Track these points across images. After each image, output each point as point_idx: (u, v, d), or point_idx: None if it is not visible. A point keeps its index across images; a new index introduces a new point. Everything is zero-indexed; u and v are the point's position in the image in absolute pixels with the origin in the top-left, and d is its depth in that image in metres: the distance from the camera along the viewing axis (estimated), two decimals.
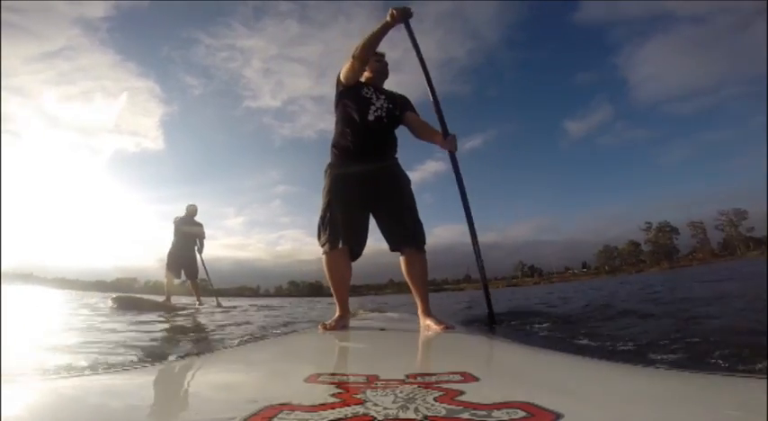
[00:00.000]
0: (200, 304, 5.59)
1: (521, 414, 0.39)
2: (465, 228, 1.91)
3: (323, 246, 1.68)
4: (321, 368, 0.81)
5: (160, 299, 5.31)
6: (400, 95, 1.94)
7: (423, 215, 1.77)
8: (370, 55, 1.78)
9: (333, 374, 0.64)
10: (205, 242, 6.07)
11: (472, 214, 1.92)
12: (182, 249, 5.77)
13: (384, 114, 1.78)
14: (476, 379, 0.57)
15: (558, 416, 0.39)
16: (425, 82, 1.98)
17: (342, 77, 1.80)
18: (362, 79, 1.87)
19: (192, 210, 6.00)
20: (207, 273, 6.01)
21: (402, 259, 1.71)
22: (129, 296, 5.62)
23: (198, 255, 5.94)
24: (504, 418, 0.38)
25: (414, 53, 1.98)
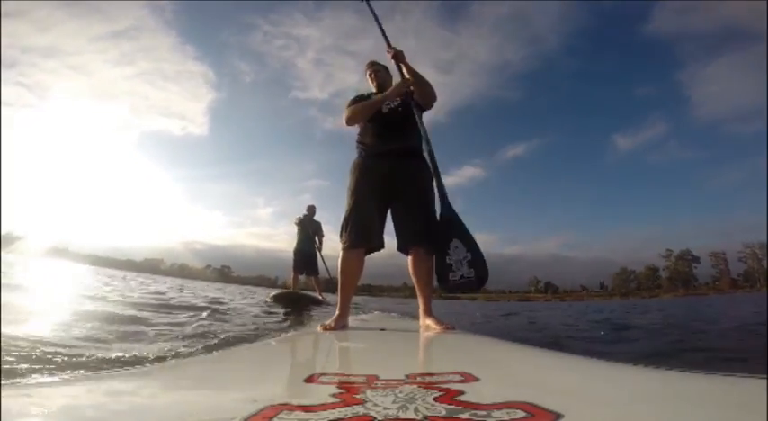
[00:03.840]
0: (322, 299, 5.76)
1: (521, 414, 0.39)
2: (490, 238, 1.93)
3: (343, 244, 1.70)
4: (321, 368, 0.81)
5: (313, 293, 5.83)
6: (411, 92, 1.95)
7: None
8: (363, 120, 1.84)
9: (333, 374, 0.64)
10: (234, 231, 6.38)
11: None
12: (306, 247, 6.07)
13: (397, 104, 1.82)
14: (476, 379, 0.57)
15: (558, 416, 0.39)
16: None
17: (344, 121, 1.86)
18: (374, 90, 1.97)
19: (312, 210, 6.35)
20: (327, 269, 6.18)
21: (410, 258, 1.70)
22: (286, 292, 5.92)
23: (318, 252, 6.19)
24: (504, 418, 0.38)
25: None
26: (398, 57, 1.86)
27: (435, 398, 0.46)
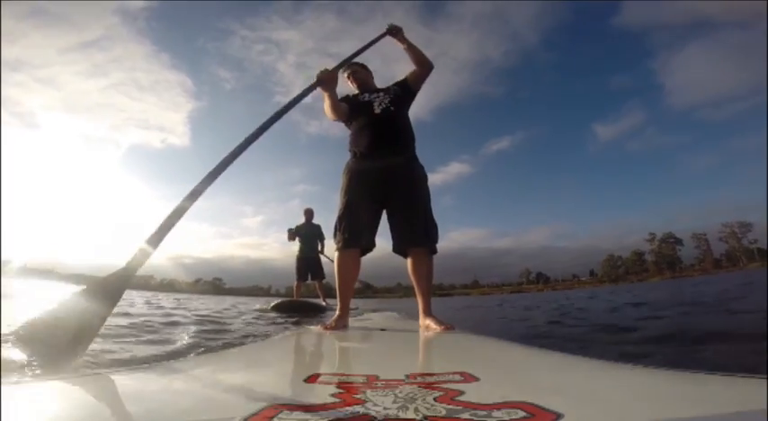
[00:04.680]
0: (326, 304, 5.66)
1: (521, 414, 0.39)
2: (481, 232, 1.94)
3: (337, 244, 1.70)
4: (321, 368, 0.81)
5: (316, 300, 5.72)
6: (396, 82, 1.95)
7: (440, 218, 1.77)
8: (338, 116, 1.85)
9: (333, 374, 0.64)
10: (222, 241, 6.28)
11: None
12: (309, 253, 6.00)
13: (388, 104, 1.81)
14: (476, 379, 0.57)
15: (558, 416, 0.39)
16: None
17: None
18: (356, 91, 1.97)
19: (310, 214, 6.27)
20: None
21: (409, 259, 1.70)
22: (287, 300, 5.79)
23: (321, 257, 6.12)
24: (504, 418, 0.38)
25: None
26: (396, 32, 1.91)
27: (435, 398, 0.46)
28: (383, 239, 1.79)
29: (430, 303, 1.65)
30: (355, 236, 1.67)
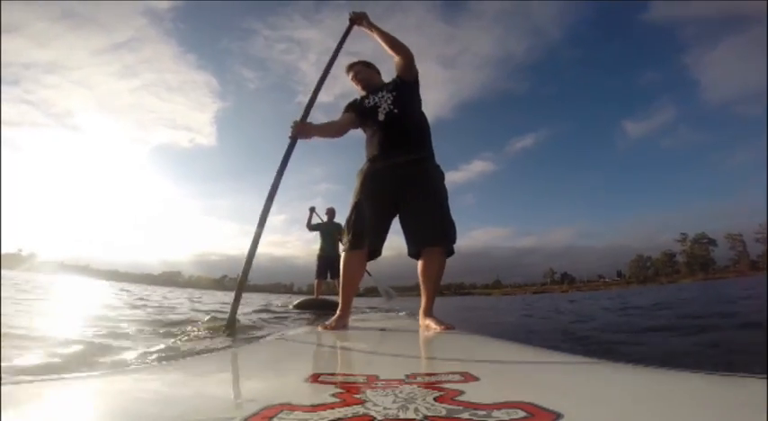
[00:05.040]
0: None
1: (521, 414, 0.39)
2: (504, 231, 1.93)
3: (344, 245, 1.71)
4: (321, 368, 0.81)
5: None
6: (398, 79, 1.91)
7: (462, 217, 1.82)
8: (343, 132, 1.89)
9: (333, 374, 0.64)
10: (247, 239, 6.31)
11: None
12: (330, 252, 6.05)
13: (391, 107, 1.78)
14: (476, 379, 0.57)
15: (558, 416, 0.39)
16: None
17: None
18: (362, 93, 1.94)
19: (332, 213, 6.33)
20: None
21: (422, 258, 1.68)
22: (309, 299, 5.93)
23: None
24: (504, 418, 0.38)
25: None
26: (360, 18, 1.87)
27: (435, 398, 0.46)
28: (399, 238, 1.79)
29: (432, 304, 1.64)
30: (360, 237, 1.67)
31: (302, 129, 1.83)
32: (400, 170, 1.69)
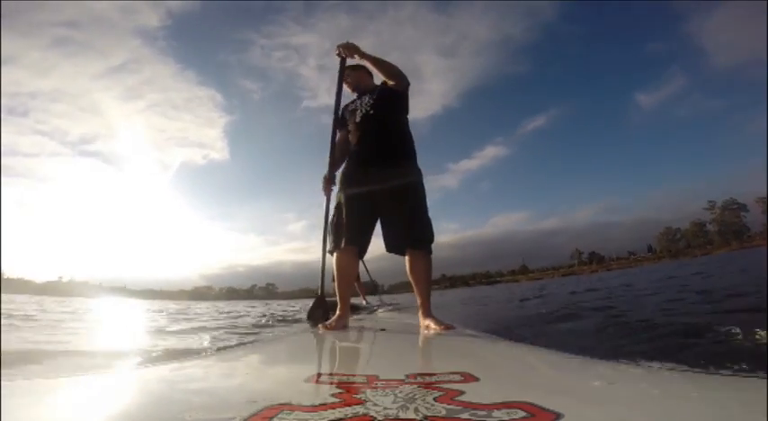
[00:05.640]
0: (366, 303, 5.57)
1: (521, 414, 0.39)
2: (525, 215, 1.89)
3: (330, 246, 1.73)
4: (321, 368, 0.81)
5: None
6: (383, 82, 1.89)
7: (479, 204, 1.79)
8: (345, 157, 1.89)
9: (333, 374, 0.64)
10: (270, 249, 6.26)
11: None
12: None
13: (368, 109, 1.80)
14: (476, 379, 0.57)
15: (558, 416, 0.39)
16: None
17: None
18: (353, 95, 1.97)
19: None
20: (368, 272, 6.04)
21: (407, 259, 1.70)
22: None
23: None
24: (504, 418, 0.38)
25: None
26: (349, 51, 1.79)
27: (435, 399, 0.46)
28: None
29: (429, 304, 1.64)
30: (343, 238, 1.69)
31: (326, 184, 1.89)
32: (375, 170, 1.70)
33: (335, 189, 1.83)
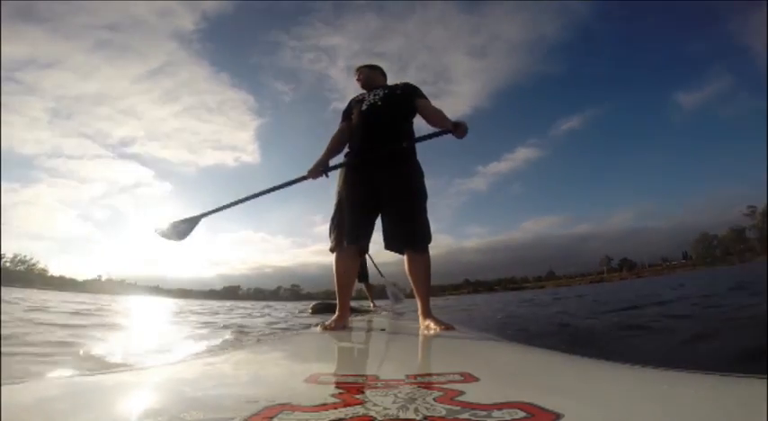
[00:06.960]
0: (374, 306, 5.50)
1: (521, 414, 0.39)
2: (557, 219, 1.84)
3: (331, 244, 1.71)
4: (321, 368, 0.81)
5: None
6: (404, 83, 1.91)
7: (510, 208, 1.74)
8: (343, 141, 1.88)
9: (333, 374, 0.64)
10: (298, 250, 6.40)
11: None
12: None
13: (376, 100, 1.80)
14: (476, 379, 0.57)
15: (558, 416, 0.39)
16: None
17: None
18: (363, 90, 1.97)
19: None
20: (381, 274, 5.99)
21: (405, 258, 1.69)
22: (326, 302, 6.05)
23: (368, 258, 6.07)
24: (505, 418, 0.38)
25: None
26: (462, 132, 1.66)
27: (435, 399, 0.46)
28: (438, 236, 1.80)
29: (429, 304, 1.64)
30: (345, 236, 1.67)
31: (313, 171, 1.76)
32: (377, 167, 1.69)
33: (333, 181, 1.80)
